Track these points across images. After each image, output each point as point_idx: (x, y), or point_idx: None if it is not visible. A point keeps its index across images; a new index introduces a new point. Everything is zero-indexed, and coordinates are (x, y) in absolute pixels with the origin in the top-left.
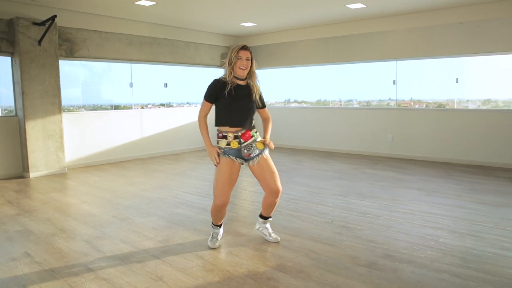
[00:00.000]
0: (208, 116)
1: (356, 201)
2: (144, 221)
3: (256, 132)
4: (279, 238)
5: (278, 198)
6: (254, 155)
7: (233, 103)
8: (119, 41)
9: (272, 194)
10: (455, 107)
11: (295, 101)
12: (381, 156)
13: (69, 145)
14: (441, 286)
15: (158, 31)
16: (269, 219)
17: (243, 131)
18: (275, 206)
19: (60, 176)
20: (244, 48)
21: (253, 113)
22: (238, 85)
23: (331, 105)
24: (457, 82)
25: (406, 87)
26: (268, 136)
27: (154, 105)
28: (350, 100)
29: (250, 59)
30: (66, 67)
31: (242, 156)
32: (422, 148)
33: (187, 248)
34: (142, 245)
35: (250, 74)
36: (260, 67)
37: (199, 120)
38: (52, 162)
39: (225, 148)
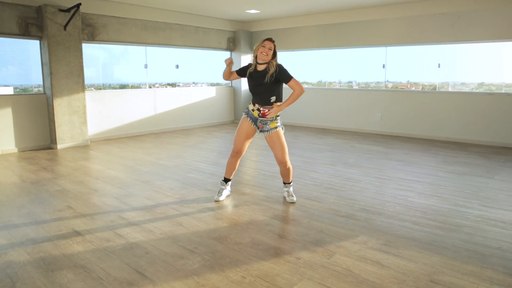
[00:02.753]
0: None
1: (343, 169)
2: (162, 183)
3: (277, 116)
4: (294, 199)
5: (286, 169)
6: (266, 129)
7: (252, 85)
8: (135, 26)
9: (279, 164)
10: (437, 90)
11: None
12: (370, 133)
13: (91, 120)
14: (402, 231)
15: (171, 17)
16: (288, 184)
17: (265, 109)
18: (289, 175)
19: (84, 147)
20: (269, 39)
21: (268, 93)
22: (257, 70)
23: (326, 86)
24: (439, 67)
25: (395, 71)
26: (283, 105)
27: (161, 85)
28: (350, 82)
29: (272, 49)
30: (88, 49)
31: (257, 124)
32: (407, 126)
33: (200, 203)
34: (163, 200)
35: (272, 62)
36: None
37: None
38: (76, 135)
39: (250, 110)
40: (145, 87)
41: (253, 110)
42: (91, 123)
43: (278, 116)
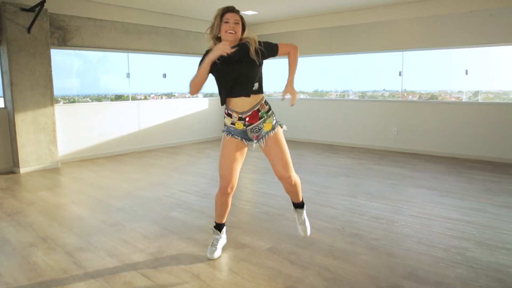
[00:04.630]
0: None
1: (366, 203)
2: (135, 227)
3: (267, 112)
4: (308, 231)
5: (293, 184)
6: (261, 136)
7: (227, 69)
8: (115, 29)
9: (281, 179)
10: (463, 100)
11: None
12: (385, 150)
13: (63, 138)
14: None
15: (157, 19)
16: (299, 209)
17: (249, 113)
18: (298, 190)
19: (52, 171)
20: (230, 10)
21: (254, 76)
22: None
23: (333, 97)
24: (466, 74)
25: (413, 79)
26: (291, 77)
27: (156, 95)
28: (356, 91)
29: (239, 22)
30: (59, 56)
31: (249, 137)
32: (428, 142)
33: (181, 263)
34: (131, 259)
35: (249, 38)
36: None
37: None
38: (44, 156)
39: (229, 126)
40: (128, 99)
41: (233, 123)
42: (62, 142)
43: (269, 110)
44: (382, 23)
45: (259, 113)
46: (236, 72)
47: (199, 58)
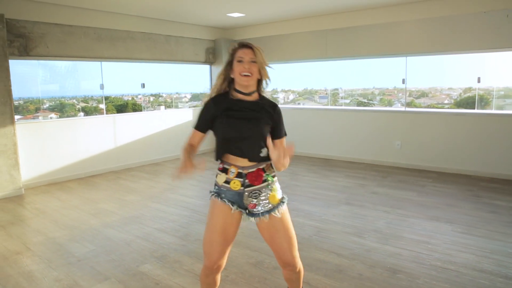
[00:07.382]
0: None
1: (377, 246)
2: None
3: (273, 177)
4: None
5: (297, 271)
6: (262, 209)
7: (235, 122)
8: (85, 36)
9: (285, 267)
10: (476, 110)
11: (282, 90)
12: (387, 166)
13: (27, 160)
14: None
15: (133, 24)
16: None
17: (253, 170)
18: (301, 279)
19: (14, 200)
20: (244, 45)
21: (261, 138)
22: (240, 100)
23: (329, 106)
24: (478, 82)
25: (417, 86)
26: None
27: (146, 96)
28: (336, 89)
29: (255, 60)
30: (20, 67)
31: (244, 204)
32: (435, 157)
33: None
34: None
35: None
36: None
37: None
38: (4, 183)
39: (221, 186)
40: (102, 113)
41: (227, 181)
42: (26, 165)
43: (274, 175)
44: (384, 25)
45: (264, 174)
46: (249, 127)
47: (181, 65)
